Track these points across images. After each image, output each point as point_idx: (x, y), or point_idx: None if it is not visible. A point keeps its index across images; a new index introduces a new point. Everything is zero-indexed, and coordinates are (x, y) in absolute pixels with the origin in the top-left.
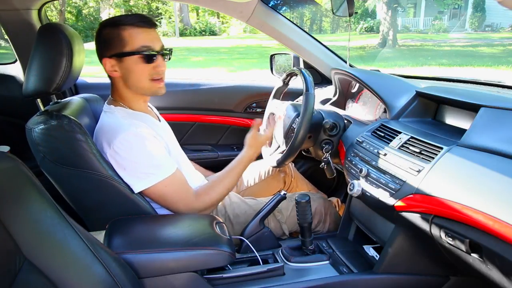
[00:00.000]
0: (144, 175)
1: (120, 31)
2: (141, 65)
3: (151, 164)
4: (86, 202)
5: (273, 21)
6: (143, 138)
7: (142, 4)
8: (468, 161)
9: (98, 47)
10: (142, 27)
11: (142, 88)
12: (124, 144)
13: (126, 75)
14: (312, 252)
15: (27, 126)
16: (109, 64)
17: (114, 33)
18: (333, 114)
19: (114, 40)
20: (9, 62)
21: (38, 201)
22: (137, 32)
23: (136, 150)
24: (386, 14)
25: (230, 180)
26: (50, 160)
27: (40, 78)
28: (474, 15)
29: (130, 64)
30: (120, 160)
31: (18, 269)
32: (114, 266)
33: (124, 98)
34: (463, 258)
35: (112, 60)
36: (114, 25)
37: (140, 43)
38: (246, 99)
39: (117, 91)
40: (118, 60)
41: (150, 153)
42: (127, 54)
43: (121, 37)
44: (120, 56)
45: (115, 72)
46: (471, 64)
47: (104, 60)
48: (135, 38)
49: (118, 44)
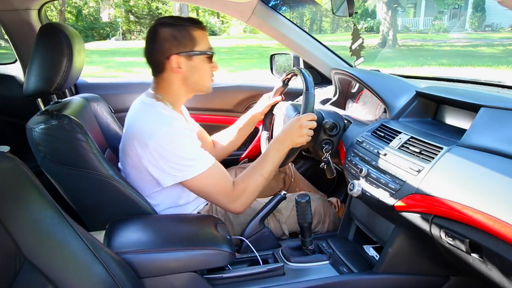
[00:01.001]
0: (186, 167)
1: (189, 31)
2: (206, 64)
3: (192, 157)
4: (86, 202)
5: (273, 21)
6: (185, 132)
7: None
8: (468, 161)
9: (161, 45)
10: (205, 30)
11: (203, 85)
12: (168, 137)
13: (191, 72)
14: (312, 252)
15: (27, 126)
16: (176, 60)
17: (183, 32)
18: (333, 114)
19: (185, 39)
20: (9, 62)
21: (38, 201)
22: (204, 34)
23: (179, 143)
24: (386, 14)
25: (265, 167)
26: (50, 160)
27: (41, 78)
28: (474, 15)
29: (198, 63)
30: (163, 152)
31: (18, 269)
32: (114, 266)
33: (173, 95)
34: (463, 258)
35: (180, 57)
36: (180, 26)
37: (207, 44)
38: (246, 99)
39: (168, 88)
40: (188, 58)
41: (192, 146)
42: (198, 53)
43: (192, 37)
44: (191, 54)
45: (179, 69)
46: (471, 64)
47: (171, 57)
48: (203, 40)
49: (188, 43)
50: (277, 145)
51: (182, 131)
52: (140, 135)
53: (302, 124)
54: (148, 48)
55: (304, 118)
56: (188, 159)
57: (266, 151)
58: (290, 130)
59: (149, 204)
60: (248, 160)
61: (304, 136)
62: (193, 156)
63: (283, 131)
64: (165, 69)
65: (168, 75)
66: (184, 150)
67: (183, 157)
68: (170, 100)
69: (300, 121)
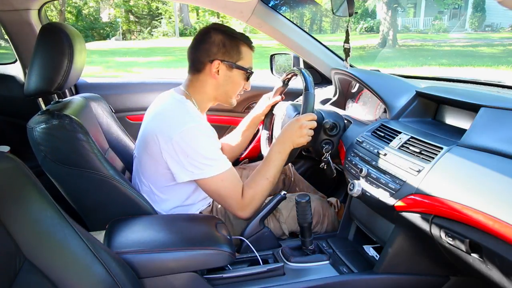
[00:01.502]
0: (205, 166)
1: (239, 45)
2: (242, 81)
3: (212, 157)
4: (86, 202)
5: (273, 21)
6: (208, 132)
7: (142, 4)
8: (468, 161)
9: (210, 47)
10: (253, 50)
11: (229, 97)
12: (192, 133)
13: (226, 81)
14: (312, 252)
15: (28, 126)
16: (218, 66)
17: (233, 44)
18: (333, 114)
19: (233, 50)
20: (9, 62)
21: (38, 201)
22: (250, 53)
23: (202, 141)
24: (386, 14)
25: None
26: (51, 160)
27: (42, 78)
28: (474, 15)
29: (236, 76)
30: (186, 148)
31: (18, 269)
32: (114, 266)
33: (202, 97)
34: (463, 258)
35: (222, 64)
36: (233, 37)
37: (250, 63)
38: (246, 99)
39: (200, 87)
40: (229, 68)
41: (213, 146)
42: (239, 68)
43: (239, 51)
44: (232, 66)
45: (217, 75)
46: (471, 64)
47: (215, 62)
48: (248, 58)
49: (235, 56)
50: (278, 147)
51: (207, 130)
52: (166, 129)
53: (302, 124)
54: (195, 45)
55: (304, 118)
56: (208, 159)
57: (269, 154)
58: (290, 131)
59: (149, 204)
60: (248, 160)
61: (305, 136)
62: (213, 156)
63: (283, 132)
64: (203, 71)
65: (204, 77)
66: (206, 149)
67: (204, 155)
68: (198, 101)
69: (300, 121)
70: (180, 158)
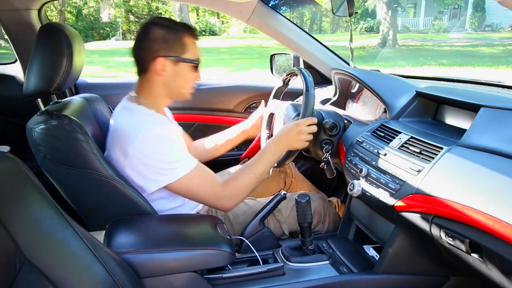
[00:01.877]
0: (167, 170)
1: (182, 37)
2: (191, 73)
3: (173, 160)
4: (86, 202)
5: (273, 21)
6: (165, 135)
7: (142, 4)
8: (468, 161)
9: (150, 44)
10: (197, 39)
11: (182, 93)
12: (147, 142)
13: (174, 77)
14: (312, 252)
15: (27, 126)
16: (162, 63)
17: (175, 37)
18: (333, 114)
19: (175, 44)
20: (9, 62)
21: (38, 201)
22: (194, 43)
23: (159, 147)
24: (386, 14)
25: (258, 167)
26: (50, 160)
27: (41, 78)
28: (474, 15)
29: (183, 70)
30: (143, 158)
31: (18, 269)
32: (114, 266)
33: (154, 98)
34: (463, 258)
35: (167, 61)
36: (173, 30)
37: (196, 53)
38: (246, 99)
39: (149, 89)
40: (174, 63)
41: (172, 149)
42: (185, 61)
43: (183, 43)
44: (176, 60)
45: (163, 72)
46: (471, 64)
47: (158, 59)
48: (193, 48)
49: (178, 49)
50: (273, 147)
51: (160, 134)
52: (120, 142)
53: (301, 129)
54: (136, 45)
55: (304, 123)
56: (169, 162)
57: (262, 151)
58: (289, 134)
59: (149, 204)
60: (248, 159)
61: (302, 141)
62: (173, 159)
63: (281, 133)
64: (149, 70)
65: (151, 76)
66: (164, 154)
67: (164, 160)
68: (152, 102)
69: (300, 126)
70: (141, 169)
